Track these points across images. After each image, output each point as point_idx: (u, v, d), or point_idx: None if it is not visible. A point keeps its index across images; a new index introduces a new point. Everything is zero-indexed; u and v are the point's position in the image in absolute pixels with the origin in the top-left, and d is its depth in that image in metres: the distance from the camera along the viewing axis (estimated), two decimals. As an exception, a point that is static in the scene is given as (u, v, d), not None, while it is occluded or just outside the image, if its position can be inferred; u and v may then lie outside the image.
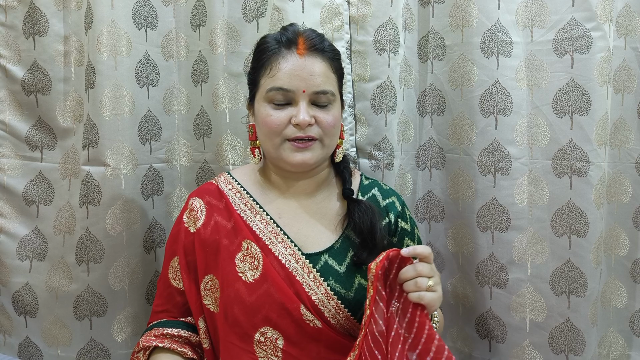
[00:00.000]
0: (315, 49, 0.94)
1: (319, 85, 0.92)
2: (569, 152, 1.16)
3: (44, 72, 1.22)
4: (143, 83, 1.24)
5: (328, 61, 0.96)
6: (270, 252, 0.96)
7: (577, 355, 1.18)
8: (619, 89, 1.20)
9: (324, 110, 0.94)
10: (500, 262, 1.23)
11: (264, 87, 0.94)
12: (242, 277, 0.94)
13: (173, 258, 1.03)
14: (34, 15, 1.21)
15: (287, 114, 0.93)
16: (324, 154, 0.97)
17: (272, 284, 0.92)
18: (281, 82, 0.92)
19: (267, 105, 0.94)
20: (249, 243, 0.96)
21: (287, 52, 0.93)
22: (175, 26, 1.29)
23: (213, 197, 1.02)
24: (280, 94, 0.92)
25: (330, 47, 0.98)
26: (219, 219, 0.99)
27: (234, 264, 0.95)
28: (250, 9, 1.23)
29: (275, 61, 0.93)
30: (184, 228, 1.01)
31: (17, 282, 1.26)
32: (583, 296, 1.17)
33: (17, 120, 1.25)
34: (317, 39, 0.96)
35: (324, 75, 0.94)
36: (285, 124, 0.93)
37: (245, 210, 1.00)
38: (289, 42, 0.94)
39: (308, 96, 0.92)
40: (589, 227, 1.16)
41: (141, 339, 0.99)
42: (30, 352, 1.28)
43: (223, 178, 1.06)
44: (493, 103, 1.19)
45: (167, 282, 1.03)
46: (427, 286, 0.80)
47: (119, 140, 1.19)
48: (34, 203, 1.26)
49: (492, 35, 1.18)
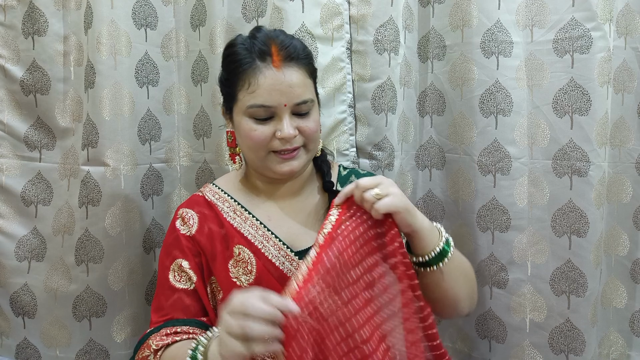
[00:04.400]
0: (291, 59, 0.93)
1: (299, 96, 0.93)
2: (569, 152, 1.16)
3: (43, 72, 1.22)
4: (143, 83, 1.24)
5: (304, 67, 0.95)
6: (262, 256, 0.96)
7: (577, 355, 1.18)
8: (619, 89, 1.20)
9: (305, 118, 0.95)
10: (500, 262, 1.23)
11: (243, 103, 0.93)
12: (237, 282, 0.95)
13: (174, 262, 0.98)
14: (33, 14, 1.20)
15: (271, 128, 0.93)
16: (309, 158, 0.99)
17: (267, 287, 0.90)
18: (262, 99, 0.91)
19: (249, 119, 0.94)
20: (240, 248, 0.97)
21: (263, 66, 0.92)
22: (175, 26, 1.29)
23: (203, 207, 1.02)
24: (261, 110, 0.92)
25: (303, 52, 0.97)
26: (212, 226, 0.99)
27: (228, 269, 0.96)
28: (250, 8, 1.22)
29: (253, 76, 0.92)
30: (181, 234, 0.99)
31: (15, 282, 1.26)
32: (583, 296, 1.17)
33: (15, 120, 1.25)
34: (290, 48, 0.94)
35: (302, 85, 0.94)
36: (270, 139, 0.93)
37: (235, 218, 1.00)
38: (262, 53, 0.92)
39: (290, 109, 0.93)
40: (589, 227, 1.15)
41: (149, 341, 0.90)
42: (29, 354, 1.28)
43: (208, 189, 1.06)
44: (493, 103, 1.19)
45: (172, 287, 0.96)
46: (374, 195, 0.83)
47: (119, 140, 1.19)
48: (32, 203, 1.26)
49: (492, 35, 1.18)
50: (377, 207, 0.83)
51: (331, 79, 1.22)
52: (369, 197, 0.83)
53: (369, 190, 0.84)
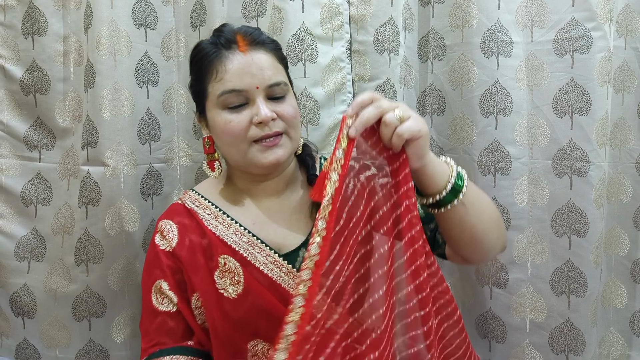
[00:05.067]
0: (256, 43, 0.91)
1: (270, 78, 0.89)
2: (569, 152, 1.16)
3: (43, 72, 1.22)
4: (142, 83, 1.24)
5: (271, 52, 0.92)
6: (249, 264, 0.91)
7: (577, 355, 1.18)
8: (619, 89, 1.20)
9: (281, 102, 0.91)
10: (500, 262, 1.23)
11: (213, 94, 0.90)
12: (224, 294, 0.90)
13: (155, 282, 0.94)
14: (33, 14, 1.20)
15: (247, 115, 0.88)
16: (293, 147, 0.94)
17: (257, 297, 0.89)
18: (232, 83, 0.88)
19: (223, 111, 0.90)
20: (225, 258, 0.92)
21: (229, 52, 0.89)
22: (174, 26, 1.28)
23: (183, 217, 0.97)
24: (233, 96, 0.88)
25: (269, 39, 0.95)
26: (193, 237, 0.94)
27: (214, 281, 0.91)
28: (250, 8, 1.22)
29: (219, 64, 0.89)
30: (161, 250, 0.95)
31: (15, 283, 1.25)
32: (583, 296, 1.17)
33: (15, 120, 1.24)
34: (255, 33, 0.92)
35: (272, 67, 0.90)
36: (247, 127, 0.88)
37: (216, 225, 0.95)
38: (227, 42, 0.90)
39: (263, 91, 0.89)
40: (589, 227, 1.16)
41: None
42: (28, 354, 1.27)
43: (189, 196, 1.01)
44: (493, 103, 1.19)
45: (155, 311, 0.93)
46: (398, 118, 0.73)
47: (119, 140, 1.19)
48: (32, 203, 1.26)
49: (492, 35, 1.18)
50: (400, 131, 0.73)
51: (331, 79, 1.22)
52: (392, 119, 0.73)
53: (389, 111, 0.74)
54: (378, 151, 0.77)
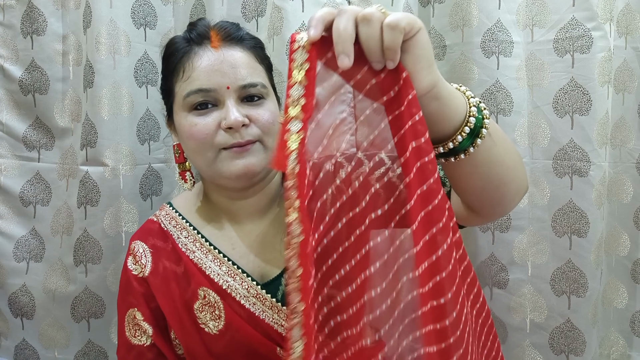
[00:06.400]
0: (232, 39, 0.81)
1: (244, 78, 0.79)
2: (570, 152, 1.16)
3: (42, 72, 1.22)
4: (142, 82, 1.23)
5: (250, 50, 0.82)
6: (228, 296, 0.83)
7: (577, 355, 1.18)
8: (620, 89, 1.20)
9: (257, 106, 0.80)
10: (500, 262, 1.22)
11: (180, 94, 0.81)
12: (205, 329, 0.83)
13: (128, 311, 0.87)
14: (32, 14, 1.20)
15: (215, 118, 0.78)
16: (268, 157, 0.81)
17: (237, 332, 0.81)
18: (199, 82, 0.78)
19: (189, 114, 0.80)
20: (205, 291, 0.83)
21: (200, 49, 0.80)
22: (174, 25, 1.28)
23: (158, 239, 0.89)
24: (200, 96, 0.78)
25: (249, 36, 0.85)
26: (168, 264, 0.86)
27: (194, 315, 0.83)
28: (250, 8, 1.22)
29: (187, 62, 0.80)
30: (133, 275, 0.87)
31: (13, 283, 1.25)
32: (584, 296, 1.17)
33: (14, 120, 1.24)
34: (231, 28, 0.83)
35: (248, 66, 0.80)
36: (214, 131, 0.78)
37: (194, 251, 0.86)
38: (199, 37, 0.81)
39: (235, 92, 0.79)
40: (589, 227, 1.15)
41: None
42: (27, 355, 1.27)
43: (165, 212, 0.92)
44: (493, 103, 1.19)
45: (129, 343, 0.86)
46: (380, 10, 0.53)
47: (118, 140, 1.18)
48: (31, 204, 1.25)
49: (492, 35, 1.18)
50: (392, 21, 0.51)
51: (331, 78, 1.21)
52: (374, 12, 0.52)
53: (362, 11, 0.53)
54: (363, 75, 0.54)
